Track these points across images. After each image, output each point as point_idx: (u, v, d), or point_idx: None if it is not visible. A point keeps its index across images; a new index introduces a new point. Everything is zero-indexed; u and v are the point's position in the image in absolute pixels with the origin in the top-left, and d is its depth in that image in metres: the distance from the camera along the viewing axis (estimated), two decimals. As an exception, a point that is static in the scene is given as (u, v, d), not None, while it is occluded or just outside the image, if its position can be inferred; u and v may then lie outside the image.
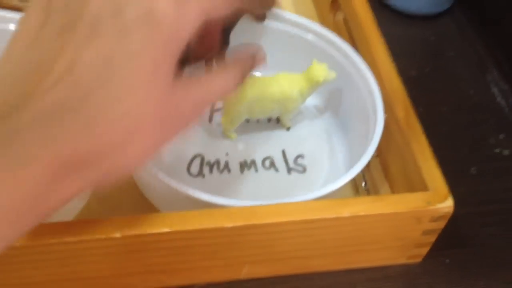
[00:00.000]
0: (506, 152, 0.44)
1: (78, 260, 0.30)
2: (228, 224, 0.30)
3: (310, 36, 0.41)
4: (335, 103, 0.42)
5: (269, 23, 0.42)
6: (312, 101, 0.43)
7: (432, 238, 0.34)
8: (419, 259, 0.36)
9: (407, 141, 0.35)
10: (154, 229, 0.29)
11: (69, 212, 0.34)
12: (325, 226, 0.32)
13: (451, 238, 0.37)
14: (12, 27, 0.38)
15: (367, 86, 0.38)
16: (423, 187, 0.33)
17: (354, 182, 0.40)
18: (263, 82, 0.39)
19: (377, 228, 0.33)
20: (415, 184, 0.34)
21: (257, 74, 0.44)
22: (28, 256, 0.29)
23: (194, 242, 0.31)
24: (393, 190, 0.37)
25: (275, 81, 0.39)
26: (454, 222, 0.34)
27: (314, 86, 0.39)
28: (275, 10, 0.42)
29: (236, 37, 0.42)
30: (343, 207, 0.31)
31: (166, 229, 0.29)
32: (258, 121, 0.42)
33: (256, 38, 0.43)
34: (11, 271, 0.30)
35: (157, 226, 0.29)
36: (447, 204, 0.32)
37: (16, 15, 0.38)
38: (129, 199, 0.37)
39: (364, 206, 0.31)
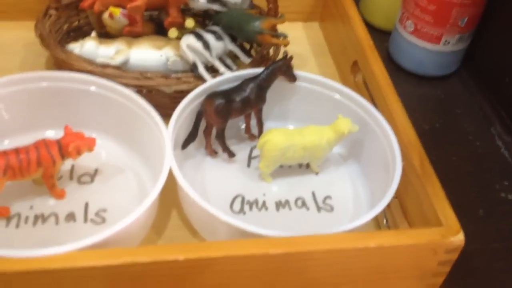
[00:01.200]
0: (510, 197, 0.49)
1: (145, 281, 0.36)
2: (273, 251, 0.36)
3: (336, 96, 0.48)
4: (358, 152, 0.48)
5: (299, 83, 0.49)
6: (337, 150, 0.49)
7: (446, 268, 0.39)
8: (435, 288, 0.41)
9: (423, 184, 0.41)
10: (211, 253, 0.35)
11: (134, 242, 0.40)
12: (353, 255, 0.37)
13: (463, 271, 0.42)
14: (93, 88, 0.45)
15: (386, 138, 0.44)
16: (438, 223, 0.38)
17: (376, 220, 0.45)
18: (296, 133, 0.45)
19: (398, 258, 0.38)
20: (431, 221, 0.39)
21: (290, 126, 0.51)
22: (107, 277, 0.35)
23: (242, 267, 0.36)
24: (411, 226, 0.43)
25: (307, 132, 0.45)
26: (466, 257, 0.40)
27: (340, 137, 0.45)
28: (304, 73, 0.49)
29: (272, 96, 0.49)
30: (370, 239, 0.37)
31: (219, 254, 0.35)
32: (290, 166, 0.48)
33: (288, 96, 0.50)
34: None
35: (213, 251, 0.35)
36: (459, 238, 0.37)
37: (90, 77, 0.45)
38: (182, 235, 0.43)
39: (388, 238, 0.37)
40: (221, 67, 0.49)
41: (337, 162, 0.49)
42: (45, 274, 0.34)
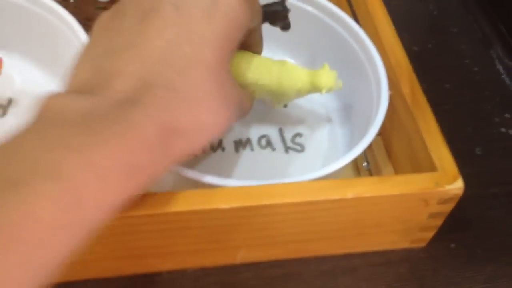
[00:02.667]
0: (511, 132, 0.42)
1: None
2: (224, 205, 0.28)
3: (309, 8, 0.39)
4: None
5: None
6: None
7: (438, 222, 0.33)
8: (423, 244, 0.35)
9: (413, 118, 0.33)
10: (144, 211, 0.27)
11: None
12: (327, 208, 0.29)
13: (457, 222, 0.35)
14: None
15: (370, 60, 0.36)
16: (431, 168, 0.31)
17: (355, 162, 0.38)
18: (265, 68, 0.35)
19: (381, 211, 0.31)
20: (422, 164, 0.32)
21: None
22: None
23: (186, 224, 0.29)
24: (397, 170, 0.35)
25: (277, 72, 0.35)
26: (460, 204, 0.32)
27: (314, 91, 0.36)
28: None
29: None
30: (347, 188, 0.29)
31: (156, 211, 0.27)
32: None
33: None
34: None
35: (146, 207, 0.27)
36: (457, 186, 0.30)
37: None
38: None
39: (369, 187, 0.29)
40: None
41: (309, 95, 0.40)
42: None
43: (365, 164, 0.37)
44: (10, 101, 0.36)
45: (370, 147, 0.37)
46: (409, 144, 0.34)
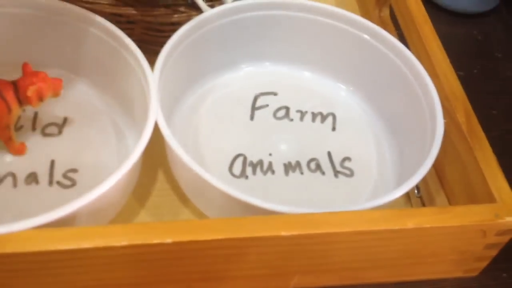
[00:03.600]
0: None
1: (124, 265, 0.28)
2: (285, 233, 0.28)
3: (365, 36, 0.39)
4: (385, 104, 0.40)
5: (315, 17, 0.40)
6: (359, 101, 0.41)
7: (494, 252, 0.32)
8: (475, 273, 0.34)
9: (470, 148, 0.33)
10: (208, 236, 0.27)
11: (110, 212, 0.32)
12: (386, 237, 0.29)
13: (508, 252, 0.35)
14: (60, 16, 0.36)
15: (423, 88, 0.36)
16: (489, 199, 0.31)
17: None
18: None
19: (439, 241, 0.31)
20: (479, 195, 0.32)
21: (306, 73, 0.42)
22: (73, 261, 0.27)
23: (246, 250, 0.29)
24: (451, 199, 0.35)
25: None
26: None
27: None
28: (321, 5, 0.39)
29: (284, 34, 0.40)
30: (407, 218, 0.29)
31: (219, 236, 0.27)
32: (302, 119, 0.40)
33: (302, 34, 0.40)
34: (52, 276, 0.28)
35: (210, 233, 0.27)
36: (516, 218, 0.30)
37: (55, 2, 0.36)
38: (171, 202, 0.35)
39: (430, 218, 0.29)
40: (220, -6, 0.39)
41: (359, 117, 0.40)
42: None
43: (415, 190, 0.37)
44: (65, 120, 0.37)
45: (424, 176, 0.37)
46: (465, 173, 0.33)
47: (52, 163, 0.35)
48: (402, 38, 0.42)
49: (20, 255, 0.26)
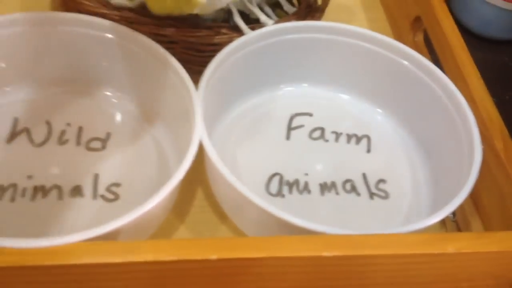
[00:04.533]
0: None
1: (167, 280, 0.29)
2: (326, 253, 0.29)
3: (392, 55, 0.40)
4: (421, 128, 0.40)
5: (350, 40, 0.40)
6: (394, 125, 0.42)
7: (530, 279, 0.33)
8: (510, 299, 0.34)
9: (507, 175, 0.33)
10: (252, 254, 0.28)
11: (151, 228, 0.33)
12: (425, 261, 0.30)
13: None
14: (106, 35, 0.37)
15: (460, 113, 0.37)
16: (527, 225, 0.31)
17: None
18: None
19: (476, 266, 0.31)
20: (515, 221, 0.32)
21: (343, 96, 0.43)
22: (118, 275, 0.28)
23: (287, 269, 0.29)
24: (486, 224, 0.36)
25: None
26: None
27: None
28: (359, 28, 0.40)
29: (317, 56, 0.41)
30: (448, 242, 0.29)
31: (263, 254, 0.28)
32: (337, 140, 0.40)
33: (336, 56, 0.41)
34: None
35: (256, 251, 0.28)
36: (556, 246, 0.30)
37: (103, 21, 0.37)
38: (209, 219, 0.36)
39: (469, 243, 0.30)
40: (262, 16, 0.40)
41: (394, 140, 0.41)
42: (40, 271, 0.27)
43: (451, 214, 0.37)
44: (108, 136, 0.38)
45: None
46: (502, 199, 0.34)
47: (96, 177, 0.36)
48: (436, 63, 0.42)
49: (67, 267, 0.27)
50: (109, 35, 0.37)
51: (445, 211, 0.31)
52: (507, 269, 0.32)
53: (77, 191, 0.35)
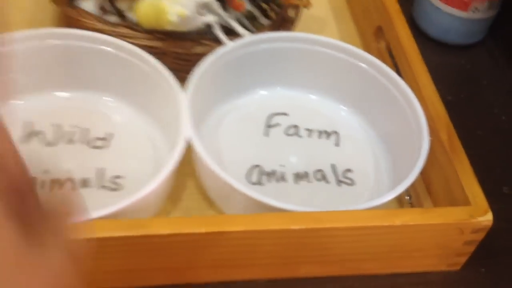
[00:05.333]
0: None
1: (163, 252, 0.34)
2: (295, 226, 0.34)
3: (362, 65, 0.46)
4: (381, 124, 0.46)
5: (319, 49, 0.46)
6: (359, 121, 0.47)
7: (471, 248, 0.38)
8: (457, 267, 0.40)
9: (450, 161, 0.39)
10: (233, 227, 0.34)
11: (149, 212, 0.39)
12: (378, 232, 0.36)
13: (487, 250, 0.41)
14: (104, 48, 0.43)
15: (413, 110, 0.42)
16: (465, 202, 0.37)
17: (398, 196, 0.44)
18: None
19: (423, 238, 0.37)
20: (458, 200, 0.38)
21: (312, 96, 0.49)
22: (120, 247, 0.34)
23: (262, 241, 0.35)
24: (435, 204, 0.41)
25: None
26: (490, 235, 0.38)
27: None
28: (326, 38, 0.46)
29: (291, 64, 0.47)
30: (396, 217, 0.35)
31: (241, 228, 0.34)
32: (310, 136, 0.46)
33: (307, 63, 0.47)
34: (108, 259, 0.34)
35: (235, 225, 0.34)
36: (487, 218, 0.36)
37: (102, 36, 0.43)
38: (199, 205, 0.42)
39: (414, 216, 0.35)
40: (239, 29, 0.46)
41: (359, 134, 0.47)
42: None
43: (407, 197, 0.43)
44: (111, 135, 0.44)
45: (412, 183, 0.43)
46: (447, 182, 0.40)
47: (102, 170, 0.41)
48: (396, 67, 0.48)
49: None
50: (108, 48, 0.43)
51: (396, 191, 0.37)
52: (451, 240, 0.37)
53: (85, 182, 0.41)
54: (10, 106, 0.33)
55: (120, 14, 0.46)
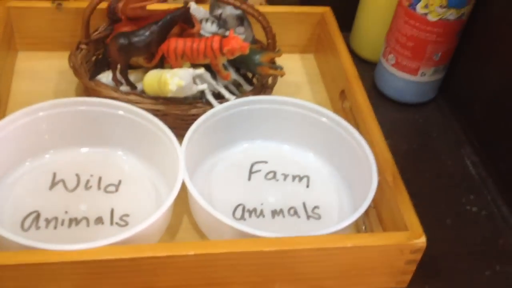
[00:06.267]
0: (474, 209, 0.57)
1: (158, 272, 0.43)
2: (266, 248, 0.43)
3: (323, 119, 0.56)
4: (343, 168, 0.56)
5: (291, 109, 0.57)
6: (326, 167, 0.57)
7: (412, 267, 0.47)
8: (404, 285, 0.49)
9: (394, 196, 0.49)
10: (216, 250, 0.43)
11: (151, 242, 0.48)
12: (334, 253, 0.45)
13: (430, 270, 0.50)
14: (119, 112, 0.54)
15: (366, 157, 0.52)
16: (405, 228, 0.46)
17: (356, 227, 0.53)
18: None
19: (371, 257, 0.46)
20: (399, 226, 0.47)
21: (285, 146, 0.59)
22: (128, 267, 0.43)
23: (241, 261, 0.44)
24: (384, 230, 0.50)
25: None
26: (433, 258, 0.47)
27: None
28: (296, 100, 0.57)
29: (267, 119, 0.57)
30: (347, 240, 0.44)
31: (224, 250, 0.43)
32: (285, 179, 0.56)
33: (281, 119, 0.57)
34: (113, 278, 0.43)
35: (219, 248, 0.43)
36: (422, 240, 0.45)
37: (116, 103, 0.54)
38: (192, 237, 0.51)
39: (362, 240, 0.45)
40: (226, 94, 0.57)
41: (325, 177, 0.57)
42: (80, 265, 0.42)
43: (363, 227, 0.52)
44: (120, 182, 0.53)
45: (367, 215, 0.52)
46: (392, 213, 0.49)
47: (112, 210, 0.51)
48: (356, 122, 0.59)
49: (95, 262, 0.42)
50: (121, 112, 0.54)
51: (348, 221, 0.46)
52: (395, 259, 0.46)
53: (99, 220, 0.50)
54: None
55: (131, 84, 0.57)
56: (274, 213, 0.53)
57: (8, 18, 0.63)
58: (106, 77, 0.58)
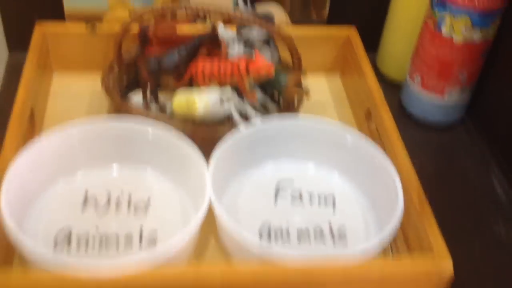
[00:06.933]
0: (502, 231, 0.56)
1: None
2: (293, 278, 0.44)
3: (349, 139, 0.57)
4: (369, 190, 0.56)
5: (315, 127, 0.58)
6: (350, 185, 0.58)
7: (440, 291, 0.47)
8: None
9: (420, 218, 0.49)
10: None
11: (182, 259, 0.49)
12: (361, 279, 0.45)
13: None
14: (149, 130, 0.55)
15: (392, 179, 0.52)
16: (430, 251, 0.46)
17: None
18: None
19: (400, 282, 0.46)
20: (425, 248, 0.47)
21: (310, 164, 0.59)
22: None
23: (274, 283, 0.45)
24: (410, 251, 0.50)
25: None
26: (459, 280, 0.47)
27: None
28: (323, 120, 0.57)
29: (296, 139, 0.58)
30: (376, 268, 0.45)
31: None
32: (311, 201, 0.56)
33: (310, 139, 0.58)
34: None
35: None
36: (449, 265, 0.45)
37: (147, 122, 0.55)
38: (218, 256, 0.52)
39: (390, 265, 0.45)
40: (253, 114, 0.58)
41: (350, 196, 0.57)
42: (114, 283, 0.43)
43: (390, 251, 0.52)
44: (149, 200, 0.55)
45: (394, 238, 0.52)
46: (418, 234, 0.49)
47: (141, 227, 0.52)
48: (382, 142, 0.59)
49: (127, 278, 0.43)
50: (151, 131, 0.55)
51: (374, 241, 0.47)
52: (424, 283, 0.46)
53: (129, 238, 0.51)
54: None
55: (160, 104, 0.59)
56: (300, 232, 0.54)
57: (44, 41, 0.66)
58: (137, 97, 0.60)
